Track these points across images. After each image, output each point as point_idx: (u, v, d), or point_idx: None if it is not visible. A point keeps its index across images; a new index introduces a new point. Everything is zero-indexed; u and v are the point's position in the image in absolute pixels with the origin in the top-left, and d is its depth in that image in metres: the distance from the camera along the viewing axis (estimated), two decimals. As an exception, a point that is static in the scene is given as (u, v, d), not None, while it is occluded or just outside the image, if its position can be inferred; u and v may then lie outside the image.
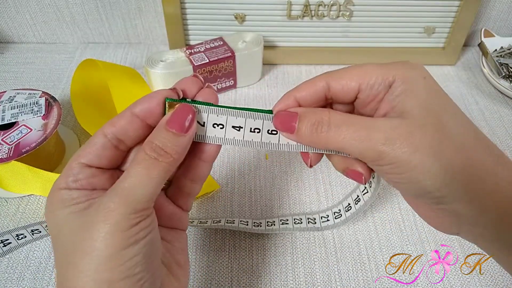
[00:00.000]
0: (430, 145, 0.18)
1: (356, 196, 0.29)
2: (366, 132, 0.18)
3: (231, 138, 0.20)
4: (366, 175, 0.21)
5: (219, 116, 0.20)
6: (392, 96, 0.19)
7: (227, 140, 0.20)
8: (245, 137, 0.20)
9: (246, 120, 0.20)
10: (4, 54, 0.50)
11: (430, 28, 0.48)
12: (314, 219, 0.32)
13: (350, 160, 0.21)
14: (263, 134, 0.20)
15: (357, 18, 0.46)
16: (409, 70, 0.20)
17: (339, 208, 0.31)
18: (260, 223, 0.32)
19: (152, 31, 0.51)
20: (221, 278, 0.30)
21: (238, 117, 0.20)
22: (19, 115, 0.35)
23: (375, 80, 0.20)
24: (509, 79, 0.46)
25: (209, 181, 0.36)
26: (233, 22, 0.47)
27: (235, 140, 0.20)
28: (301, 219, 0.32)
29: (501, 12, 0.51)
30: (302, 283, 0.30)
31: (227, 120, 0.20)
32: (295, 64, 0.50)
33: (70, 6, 0.48)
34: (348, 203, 0.30)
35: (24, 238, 0.31)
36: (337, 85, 0.20)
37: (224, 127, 0.20)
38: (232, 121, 0.20)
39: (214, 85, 0.44)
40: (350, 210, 0.30)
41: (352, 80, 0.20)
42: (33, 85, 0.46)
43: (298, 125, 0.20)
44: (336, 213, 0.31)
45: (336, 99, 0.21)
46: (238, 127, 0.20)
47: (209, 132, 0.20)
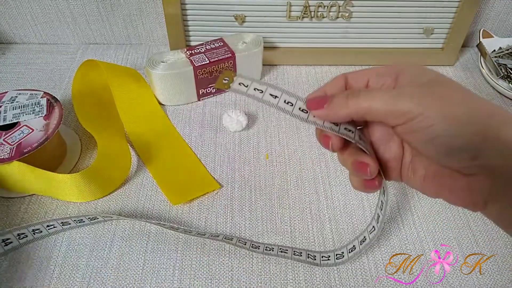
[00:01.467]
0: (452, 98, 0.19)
1: (362, 237, 0.29)
2: (391, 93, 0.21)
3: (267, 100, 0.23)
4: (372, 167, 0.23)
5: (261, 85, 0.23)
6: (406, 81, 0.22)
7: (264, 101, 0.23)
8: (279, 104, 0.23)
9: (282, 93, 0.23)
10: (5, 55, 0.50)
11: (429, 29, 0.48)
12: (314, 257, 0.31)
13: (359, 154, 0.23)
14: (295, 108, 0.23)
15: (357, 19, 0.47)
16: (413, 66, 0.22)
17: (343, 250, 0.31)
18: (258, 246, 0.31)
19: (152, 32, 0.51)
20: (221, 278, 0.30)
21: (276, 89, 0.23)
22: (21, 116, 0.35)
23: (382, 72, 0.23)
24: (508, 80, 0.46)
25: (210, 181, 0.36)
26: (233, 23, 0.47)
27: (271, 103, 0.23)
28: (301, 253, 0.31)
29: (499, 13, 0.51)
30: (302, 282, 0.30)
31: (266, 88, 0.23)
32: (295, 64, 0.50)
33: (71, 7, 0.48)
34: (353, 245, 0.30)
35: (25, 237, 0.31)
36: (352, 79, 0.24)
37: (263, 92, 0.23)
38: (270, 91, 0.23)
39: (215, 86, 0.45)
40: (354, 251, 0.30)
41: (364, 75, 0.24)
42: (34, 86, 0.46)
43: (329, 102, 0.22)
44: (338, 254, 0.31)
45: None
46: (274, 95, 0.23)
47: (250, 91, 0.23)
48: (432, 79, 0.21)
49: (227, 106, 0.44)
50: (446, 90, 0.20)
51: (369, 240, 0.29)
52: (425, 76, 0.21)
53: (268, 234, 0.33)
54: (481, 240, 0.33)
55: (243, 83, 0.23)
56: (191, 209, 0.35)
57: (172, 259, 0.31)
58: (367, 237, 0.29)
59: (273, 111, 0.44)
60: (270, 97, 0.23)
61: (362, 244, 0.29)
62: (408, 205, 0.35)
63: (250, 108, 0.44)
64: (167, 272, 0.31)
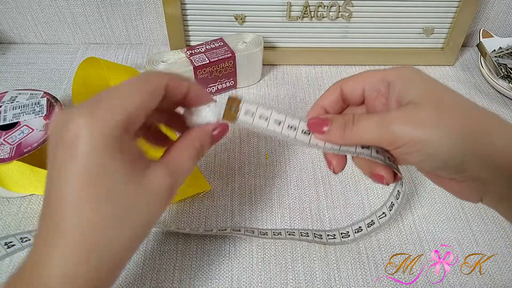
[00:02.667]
0: (434, 119, 0.20)
1: (370, 221, 0.30)
2: (377, 119, 0.21)
3: (272, 130, 0.24)
4: (388, 178, 0.23)
5: (267, 110, 0.24)
6: (395, 93, 0.22)
7: (268, 131, 0.24)
8: (283, 131, 0.24)
9: (286, 117, 0.24)
10: (5, 55, 0.50)
11: (429, 29, 0.48)
12: (320, 235, 0.32)
13: (374, 165, 0.24)
14: (298, 133, 0.24)
15: (356, 19, 0.47)
16: (404, 69, 0.23)
17: (348, 230, 0.32)
18: (266, 232, 0.32)
19: (153, 32, 0.51)
20: (221, 277, 0.30)
21: (280, 113, 0.24)
22: (21, 115, 0.35)
23: (375, 80, 0.23)
24: (508, 79, 0.46)
25: (201, 181, 0.36)
26: (233, 23, 0.47)
27: (275, 132, 0.24)
28: (307, 233, 0.32)
29: (499, 13, 0.51)
30: (302, 282, 0.30)
31: (271, 114, 0.24)
32: (295, 64, 0.50)
33: (71, 7, 0.48)
34: (359, 226, 0.31)
35: (28, 241, 0.31)
36: (347, 88, 0.24)
37: (268, 119, 0.24)
38: (275, 116, 0.24)
39: (214, 86, 0.45)
40: (361, 232, 0.31)
41: (358, 83, 0.24)
42: (34, 86, 0.46)
43: (329, 127, 0.23)
44: (344, 233, 0.32)
45: (350, 101, 0.25)
46: (279, 121, 0.24)
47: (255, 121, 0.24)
48: (417, 97, 0.21)
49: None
50: (425, 112, 0.20)
51: (379, 224, 0.29)
52: (412, 91, 0.21)
53: (268, 234, 0.33)
54: (481, 240, 0.33)
55: (250, 109, 0.24)
56: (191, 209, 0.35)
57: (172, 259, 0.31)
58: (376, 221, 0.30)
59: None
60: (275, 125, 0.24)
61: (369, 227, 0.30)
62: (408, 205, 0.35)
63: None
64: (167, 272, 0.31)
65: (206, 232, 0.31)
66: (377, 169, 0.23)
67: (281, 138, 0.24)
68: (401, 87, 0.22)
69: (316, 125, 0.23)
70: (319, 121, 0.23)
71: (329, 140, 0.23)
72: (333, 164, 0.24)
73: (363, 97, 0.24)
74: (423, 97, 0.21)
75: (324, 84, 0.48)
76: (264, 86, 0.47)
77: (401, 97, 0.22)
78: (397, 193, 0.28)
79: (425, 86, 0.21)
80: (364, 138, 0.22)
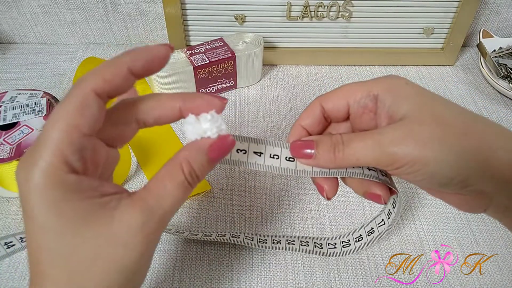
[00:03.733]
0: (435, 137, 0.19)
1: (370, 228, 0.30)
2: (373, 140, 0.19)
3: (252, 163, 0.22)
4: (385, 196, 0.22)
5: (242, 143, 0.22)
6: (385, 108, 0.21)
7: (249, 164, 0.22)
8: (265, 162, 0.22)
9: (266, 146, 0.22)
10: (5, 55, 0.50)
11: (429, 29, 0.48)
12: (321, 245, 0.31)
13: (367, 184, 0.22)
14: (282, 161, 0.22)
15: (357, 19, 0.47)
16: (390, 80, 0.21)
17: (349, 238, 0.31)
18: (265, 240, 0.31)
19: (152, 32, 0.51)
20: (221, 277, 0.30)
21: (259, 143, 0.22)
22: (21, 115, 0.35)
23: (360, 95, 0.21)
24: (508, 80, 0.46)
25: (201, 181, 0.36)
26: (233, 23, 0.47)
27: (257, 165, 0.22)
28: (307, 242, 0.31)
29: (499, 13, 0.51)
30: (302, 282, 0.30)
31: (249, 146, 0.22)
32: (295, 64, 0.50)
33: (71, 7, 0.48)
34: (359, 234, 0.30)
35: None
36: (328, 105, 0.22)
37: (246, 152, 0.21)
38: (253, 148, 0.22)
39: (214, 86, 0.45)
40: (361, 241, 0.30)
41: (341, 99, 0.22)
42: (34, 86, 0.46)
43: (316, 150, 0.21)
44: (345, 242, 0.31)
45: (332, 117, 0.23)
46: (259, 153, 0.22)
47: (233, 157, 0.22)
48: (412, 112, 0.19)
49: (227, 106, 0.44)
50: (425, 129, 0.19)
51: (378, 233, 0.29)
52: (404, 105, 0.20)
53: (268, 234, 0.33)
54: (481, 240, 0.33)
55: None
56: (191, 210, 0.35)
57: (172, 259, 0.31)
58: (376, 230, 0.29)
59: (273, 112, 0.44)
60: (255, 155, 0.21)
61: (370, 235, 0.29)
62: (408, 205, 0.35)
63: (250, 108, 0.44)
64: (167, 272, 0.30)
65: (204, 237, 0.31)
66: (372, 188, 0.22)
67: (265, 169, 0.21)
68: (392, 101, 0.20)
69: (300, 149, 0.21)
70: (303, 144, 0.21)
71: (318, 165, 0.21)
72: (325, 190, 0.22)
73: (347, 113, 0.22)
74: (419, 112, 0.19)
75: (324, 84, 0.48)
76: (264, 86, 0.47)
77: (392, 112, 0.20)
78: (393, 201, 0.27)
79: (419, 100, 0.20)
80: (360, 160, 0.20)
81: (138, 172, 0.38)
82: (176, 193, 0.18)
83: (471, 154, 0.19)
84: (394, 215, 0.27)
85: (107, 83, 0.17)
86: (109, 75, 0.17)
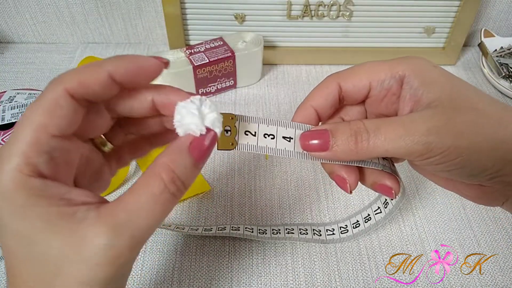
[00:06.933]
0: (471, 125, 0.17)
1: (366, 215, 0.30)
2: (404, 128, 0.18)
3: (263, 146, 0.19)
4: (396, 189, 0.20)
5: (250, 124, 0.19)
6: (412, 91, 0.19)
7: (260, 148, 0.19)
8: (278, 145, 0.19)
9: (277, 128, 0.19)
10: (4, 54, 0.50)
11: (430, 28, 0.48)
12: (319, 231, 0.32)
13: (377, 175, 0.21)
14: (296, 144, 0.19)
15: (357, 18, 0.46)
16: (417, 61, 0.20)
17: (346, 223, 0.31)
18: (265, 230, 0.32)
19: (152, 31, 0.51)
20: (221, 278, 0.30)
21: (270, 124, 0.19)
22: (19, 115, 0.35)
23: (384, 76, 0.20)
24: (509, 79, 0.46)
25: (200, 182, 0.36)
26: (233, 22, 0.47)
27: (269, 149, 0.19)
28: (306, 229, 0.31)
29: (501, 12, 0.51)
30: (302, 283, 0.30)
31: (258, 127, 0.19)
32: (295, 64, 0.50)
33: (70, 6, 0.48)
34: (356, 220, 0.30)
35: None
36: (348, 84, 0.20)
37: (256, 134, 0.19)
38: (264, 129, 0.19)
39: (214, 85, 0.44)
40: (358, 227, 0.30)
41: (362, 78, 0.20)
42: (33, 85, 0.46)
43: (332, 141, 0.18)
44: (343, 227, 0.31)
45: (348, 99, 0.21)
46: (270, 135, 0.19)
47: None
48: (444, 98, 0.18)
49: (227, 106, 0.44)
50: (460, 117, 0.18)
51: (375, 221, 0.28)
52: (435, 90, 0.18)
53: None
54: (482, 240, 0.33)
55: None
56: (190, 210, 0.34)
57: (171, 259, 0.31)
58: (372, 217, 0.29)
59: (273, 112, 0.44)
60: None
61: (367, 222, 0.29)
62: (409, 205, 0.35)
63: (250, 107, 0.44)
64: (166, 273, 0.30)
65: (205, 232, 0.31)
66: (383, 179, 0.20)
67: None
68: (419, 84, 0.19)
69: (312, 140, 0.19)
70: (316, 133, 0.19)
71: (335, 157, 0.19)
72: (349, 182, 0.20)
73: (366, 96, 0.20)
74: (452, 99, 0.18)
75: (324, 84, 0.48)
76: (264, 86, 0.47)
77: (420, 97, 0.18)
78: None
79: (450, 85, 0.18)
80: (389, 151, 0.18)
81: (137, 173, 0.37)
82: (153, 206, 0.15)
83: (506, 144, 0.18)
84: (392, 207, 0.26)
85: (81, 86, 0.16)
86: (86, 78, 0.16)
